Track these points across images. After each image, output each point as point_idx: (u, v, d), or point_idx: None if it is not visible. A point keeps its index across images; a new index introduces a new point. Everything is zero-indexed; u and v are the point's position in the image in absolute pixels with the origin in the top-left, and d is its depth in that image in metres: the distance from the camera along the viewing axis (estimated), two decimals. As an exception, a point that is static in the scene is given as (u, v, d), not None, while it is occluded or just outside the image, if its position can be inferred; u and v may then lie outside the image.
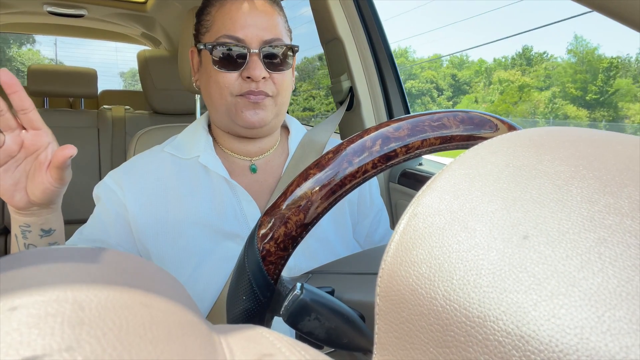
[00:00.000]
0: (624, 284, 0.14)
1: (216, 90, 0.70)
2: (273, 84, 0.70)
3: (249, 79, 0.68)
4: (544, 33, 64.50)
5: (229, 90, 0.69)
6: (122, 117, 1.98)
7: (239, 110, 0.69)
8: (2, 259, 0.16)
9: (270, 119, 0.71)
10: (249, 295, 0.38)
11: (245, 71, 0.68)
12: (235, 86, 0.69)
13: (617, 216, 0.15)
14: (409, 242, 0.19)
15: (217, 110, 0.72)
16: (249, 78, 0.68)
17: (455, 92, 40.19)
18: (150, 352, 0.13)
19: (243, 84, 0.69)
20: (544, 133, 0.21)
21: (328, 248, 0.73)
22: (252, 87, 0.69)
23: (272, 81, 0.70)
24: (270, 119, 0.71)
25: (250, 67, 0.68)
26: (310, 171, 0.38)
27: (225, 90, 0.69)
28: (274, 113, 0.72)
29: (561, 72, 36.57)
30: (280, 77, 0.71)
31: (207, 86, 0.72)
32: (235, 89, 0.69)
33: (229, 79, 0.69)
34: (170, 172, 0.74)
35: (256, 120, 0.70)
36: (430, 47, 63.18)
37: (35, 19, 2.68)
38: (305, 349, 0.17)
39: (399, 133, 0.38)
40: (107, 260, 0.17)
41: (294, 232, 0.37)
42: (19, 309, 0.13)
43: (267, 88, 0.70)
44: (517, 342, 0.14)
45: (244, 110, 0.69)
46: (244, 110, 0.69)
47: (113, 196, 0.71)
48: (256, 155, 0.78)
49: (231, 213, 0.71)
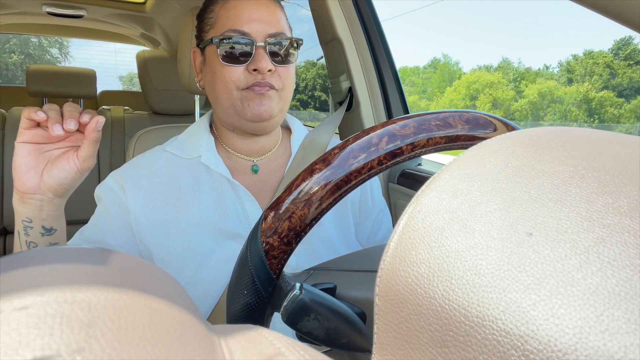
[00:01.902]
0: (622, 283, 0.14)
1: (222, 86, 0.71)
2: (279, 77, 0.71)
3: (255, 71, 0.69)
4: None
5: (235, 84, 0.70)
6: (121, 118, 1.98)
7: (245, 103, 0.70)
8: (2, 259, 0.16)
9: (276, 111, 0.72)
10: (251, 290, 0.38)
11: (251, 64, 0.69)
12: (242, 80, 0.70)
13: (616, 216, 0.15)
14: (408, 241, 0.19)
15: (222, 106, 0.72)
16: (255, 71, 0.69)
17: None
18: (149, 352, 0.13)
19: (249, 77, 0.69)
20: (543, 133, 0.21)
21: (330, 248, 0.73)
22: (258, 79, 0.69)
23: (278, 75, 0.71)
24: (276, 111, 0.72)
25: (257, 59, 0.69)
26: (316, 166, 0.38)
27: (231, 85, 0.70)
28: (279, 107, 0.72)
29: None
30: (285, 71, 0.72)
31: (213, 83, 0.73)
32: (241, 83, 0.70)
33: (236, 73, 0.69)
34: (172, 172, 0.74)
35: (263, 111, 0.70)
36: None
37: (35, 20, 2.68)
38: (305, 349, 0.17)
39: (405, 131, 0.38)
40: (108, 261, 0.17)
41: (298, 227, 0.37)
42: (29, 308, 0.13)
43: (273, 81, 0.70)
44: (516, 341, 0.14)
45: (250, 102, 0.70)
46: (250, 102, 0.70)
47: (114, 197, 0.71)
48: (258, 155, 0.78)
49: (233, 213, 0.71)
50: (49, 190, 0.59)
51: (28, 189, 0.58)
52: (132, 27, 2.67)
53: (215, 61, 0.71)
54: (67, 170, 0.59)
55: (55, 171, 0.59)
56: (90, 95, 2.09)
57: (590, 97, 38.01)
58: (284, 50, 0.71)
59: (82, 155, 0.59)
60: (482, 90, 39.75)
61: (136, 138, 1.09)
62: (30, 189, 0.58)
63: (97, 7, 2.30)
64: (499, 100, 39.28)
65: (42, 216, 0.60)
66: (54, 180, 0.59)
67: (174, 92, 1.86)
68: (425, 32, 13.89)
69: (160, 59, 1.84)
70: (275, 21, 0.71)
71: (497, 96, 39.39)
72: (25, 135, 0.58)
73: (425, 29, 35.77)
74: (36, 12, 2.40)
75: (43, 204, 0.60)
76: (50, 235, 0.62)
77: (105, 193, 0.72)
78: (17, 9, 2.37)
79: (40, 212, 0.60)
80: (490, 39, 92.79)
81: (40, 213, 0.60)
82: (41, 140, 0.59)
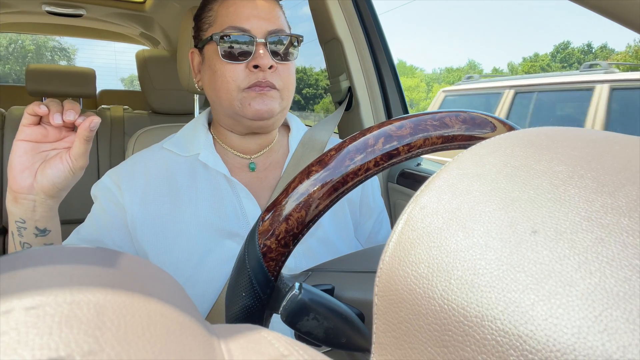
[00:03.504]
0: (621, 283, 0.14)
1: (223, 85, 0.70)
2: (279, 76, 0.70)
3: (255, 68, 0.68)
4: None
5: (236, 83, 0.69)
6: (120, 117, 1.97)
7: (246, 103, 0.69)
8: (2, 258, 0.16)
9: (277, 110, 0.71)
10: (249, 292, 0.38)
11: (252, 61, 0.68)
12: (243, 78, 0.69)
13: (615, 216, 0.15)
14: (407, 242, 0.19)
15: (222, 106, 0.72)
16: (255, 68, 0.68)
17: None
18: (148, 351, 0.13)
19: (250, 75, 0.68)
20: (542, 133, 0.21)
21: (330, 248, 0.73)
22: (259, 77, 0.68)
23: (279, 73, 0.70)
24: (277, 110, 0.71)
25: (258, 56, 0.68)
26: (313, 168, 0.38)
27: (232, 84, 0.69)
28: (281, 106, 0.71)
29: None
30: (285, 69, 0.71)
31: (213, 82, 0.72)
32: (242, 82, 0.69)
33: (236, 71, 0.68)
34: (170, 170, 0.73)
35: (265, 110, 0.69)
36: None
37: (34, 19, 2.68)
38: (304, 349, 0.17)
39: (402, 132, 0.38)
40: (108, 261, 0.17)
41: (295, 228, 0.37)
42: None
43: (274, 80, 0.69)
44: (515, 341, 0.14)
45: (251, 102, 0.68)
46: (251, 102, 0.68)
47: (111, 196, 0.71)
48: (254, 152, 0.77)
49: (231, 211, 0.71)
50: (42, 190, 0.59)
51: (21, 188, 0.58)
52: (132, 26, 2.66)
53: (215, 59, 0.70)
54: (59, 169, 0.59)
55: (48, 170, 0.59)
56: (89, 94, 2.08)
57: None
58: (284, 47, 0.71)
59: (73, 153, 0.59)
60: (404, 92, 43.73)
61: (136, 137, 1.09)
62: (23, 188, 0.58)
63: (96, 6, 2.30)
64: (414, 100, 41.90)
65: (36, 217, 0.60)
66: (47, 180, 0.58)
67: (173, 91, 1.86)
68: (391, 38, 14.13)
69: (159, 58, 1.83)
70: (274, 18, 0.71)
71: (412, 97, 42.08)
72: (24, 133, 0.58)
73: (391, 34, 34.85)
74: (36, 11, 2.40)
75: (36, 204, 0.59)
76: (44, 236, 0.62)
77: (101, 191, 0.72)
78: (17, 8, 2.37)
79: (33, 213, 0.60)
80: (457, 42, 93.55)
81: (34, 214, 0.60)
82: (40, 138, 0.59)
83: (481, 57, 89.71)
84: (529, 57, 44.62)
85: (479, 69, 50.49)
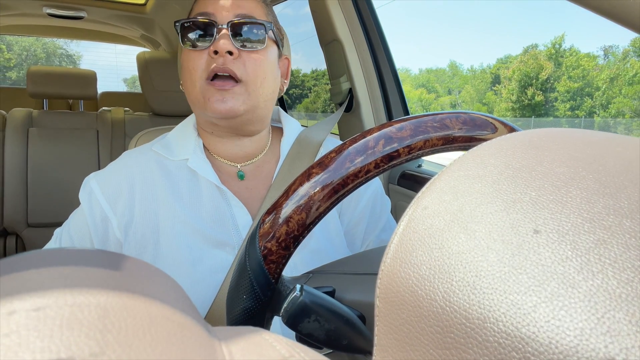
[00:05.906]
0: (623, 285, 0.14)
1: (187, 77, 0.66)
2: (243, 65, 0.64)
3: (216, 54, 0.63)
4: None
5: (198, 73, 0.64)
6: (121, 119, 1.98)
7: (207, 98, 0.64)
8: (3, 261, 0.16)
9: (241, 109, 0.65)
10: (250, 294, 0.38)
11: (212, 46, 0.64)
12: (203, 66, 0.64)
13: (617, 217, 0.15)
14: (409, 243, 0.19)
15: (192, 102, 0.68)
16: (216, 53, 0.63)
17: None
18: (149, 354, 0.13)
19: (210, 62, 0.64)
20: (544, 134, 0.21)
21: (330, 249, 0.71)
22: (218, 62, 0.63)
23: (242, 62, 0.65)
24: (241, 109, 0.65)
25: (217, 40, 0.63)
26: (313, 170, 0.38)
27: (194, 74, 0.65)
28: (248, 104, 0.65)
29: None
30: (252, 60, 0.65)
31: (182, 76, 0.68)
32: (204, 71, 0.64)
33: (198, 60, 0.65)
34: (158, 175, 0.69)
35: (224, 109, 0.63)
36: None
37: (35, 21, 2.69)
38: (306, 351, 0.17)
39: (402, 133, 0.38)
40: (109, 263, 0.17)
41: (296, 231, 0.37)
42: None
43: (235, 68, 0.64)
44: (517, 343, 0.14)
45: (211, 98, 0.64)
46: (211, 98, 0.64)
47: (95, 205, 0.68)
48: (242, 160, 0.73)
49: (222, 220, 0.68)
50: None
51: None
52: (133, 28, 2.67)
53: (182, 51, 0.67)
54: None
55: None
56: (90, 96, 2.09)
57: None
58: (251, 33, 0.65)
59: None
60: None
61: (137, 139, 1.09)
62: None
63: (97, 8, 2.30)
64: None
65: None
66: None
67: (174, 93, 1.86)
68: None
69: (160, 60, 1.84)
70: (245, 4, 0.66)
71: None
72: None
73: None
74: (37, 13, 2.40)
75: None
76: None
77: (86, 199, 0.69)
78: (18, 10, 2.37)
79: None
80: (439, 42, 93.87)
81: None
82: None
83: (462, 56, 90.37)
84: (501, 58, 45.90)
85: (459, 69, 51.39)
